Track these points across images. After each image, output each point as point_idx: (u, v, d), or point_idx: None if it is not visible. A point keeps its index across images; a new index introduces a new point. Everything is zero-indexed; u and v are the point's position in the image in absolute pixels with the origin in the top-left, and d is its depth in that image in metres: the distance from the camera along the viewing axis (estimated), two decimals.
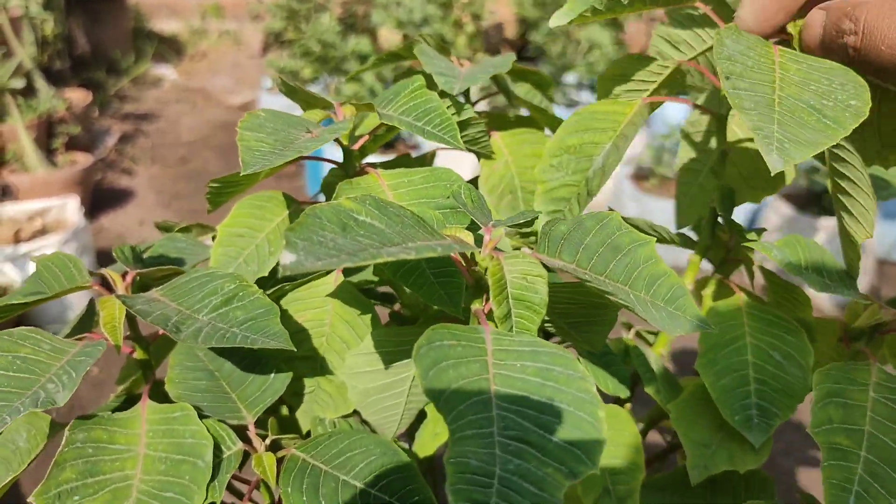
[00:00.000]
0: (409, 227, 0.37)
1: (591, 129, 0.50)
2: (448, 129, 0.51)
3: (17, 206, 2.12)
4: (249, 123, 0.49)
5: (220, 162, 3.20)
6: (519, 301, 0.40)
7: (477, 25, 3.25)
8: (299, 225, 0.32)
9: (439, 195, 0.50)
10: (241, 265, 0.53)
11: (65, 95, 2.98)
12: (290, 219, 0.55)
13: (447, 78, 0.56)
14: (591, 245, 0.42)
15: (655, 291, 0.41)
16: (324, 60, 2.57)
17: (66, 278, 0.51)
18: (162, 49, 4.57)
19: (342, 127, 0.49)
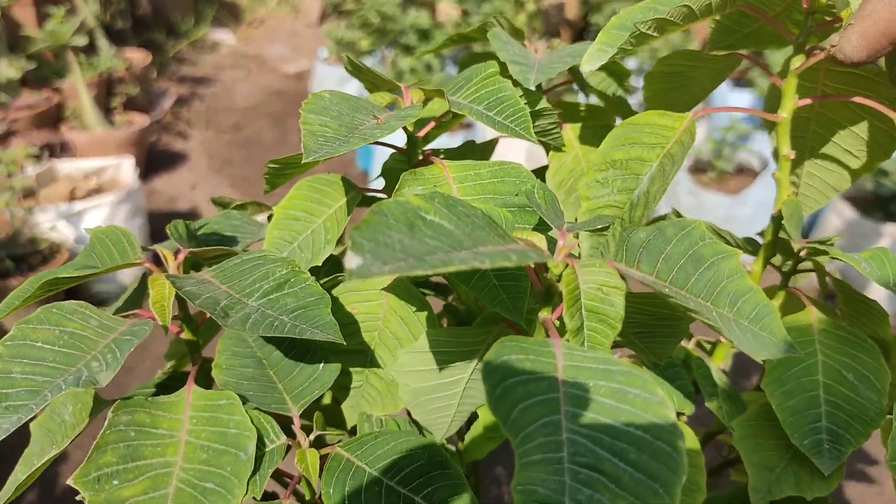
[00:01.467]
0: (480, 229, 0.34)
1: (637, 143, 0.47)
2: (522, 122, 0.48)
3: (74, 163, 2.15)
4: (314, 106, 0.46)
5: (273, 130, 3.21)
6: (593, 314, 0.37)
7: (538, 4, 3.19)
8: (365, 224, 0.30)
9: (507, 191, 0.47)
10: (296, 250, 0.51)
11: (125, 55, 3.01)
12: (349, 206, 0.53)
13: (522, 67, 0.53)
14: (672, 255, 0.39)
15: (739, 309, 0.38)
16: (382, 33, 2.54)
17: (118, 253, 0.49)
18: (221, 14, 4.59)
19: (411, 114, 0.47)
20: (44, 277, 0.47)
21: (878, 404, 0.49)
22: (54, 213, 1.89)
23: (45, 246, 1.83)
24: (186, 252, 0.50)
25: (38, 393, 0.37)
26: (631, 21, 0.48)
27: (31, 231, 1.84)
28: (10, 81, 2.39)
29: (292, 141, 3.12)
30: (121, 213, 1.99)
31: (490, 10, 2.67)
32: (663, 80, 0.60)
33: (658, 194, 0.47)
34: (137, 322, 0.45)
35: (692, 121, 0.48)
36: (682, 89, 0.61)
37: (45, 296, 0.48)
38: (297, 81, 3.78)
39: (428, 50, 0.66)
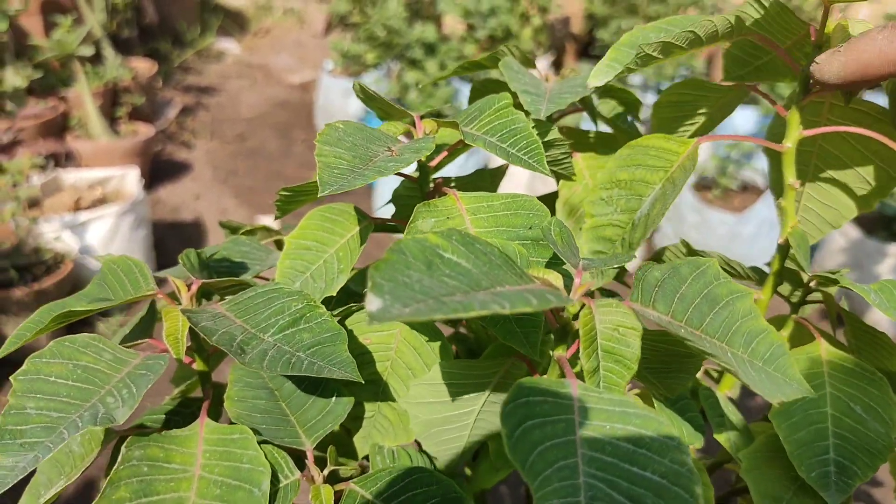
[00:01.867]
0: (497, 268, 0.34)
1: (642, 166, 0.48)
2: (535, 154, 0.48)
3: (80, 173, 2.15)
4: (328, 137, 0.46)
5: (278, 141, 3.21)
6: (609, 354, 0.37)
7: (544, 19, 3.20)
8: (384, 263, 0.30)
9: (521, 224, 0.47)
10: (308, 280, 0.51)
11: (131, 65, 3.02)
12: (361, 235, 0.53)
13: (533, 97, 0.53)
14: (687, 295, 0.39)
15: (754, 350, 0.39)
16: (388, 46, 2.55)
17: (131, 283, 0.49)
18: (227, 23, 4.60)
19: (425, 147, 0.47)
20: (55, 310, 0.47)
21: (886, 437, 0.49)
22: (59, 223, 1.89)
23: (49, 256, 1.84)
24: (199, 283, 0.50)
25: (53, 429, 0.37)
26: (642, 39, 0.49)
27: (35, 241, 1.84)
28: (16, 90, 2.40)
29: (297, 152, 3.13)
30: (125, 223, 1.99)
31: (496, 24, 2.68)
32: (671, 108, 0.61)
33: (657, 217, 0.47)
34: (152, 356, 0.45)
35: (695, 147, 0.49)
36: (689, 118, 0.61)
37: (57, 327, 0.48)
38: (303, 92, 3.78)
39: (441, 77, 0.66)
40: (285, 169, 2.96)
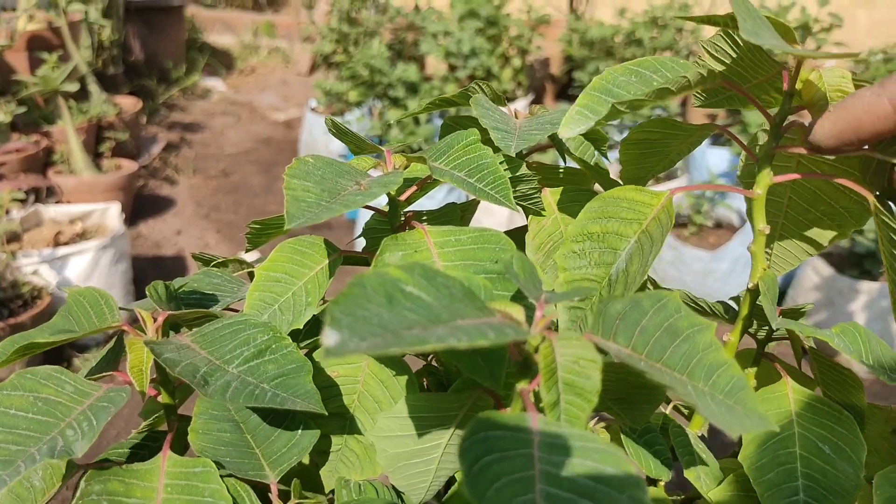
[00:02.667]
0: (458, 302, 0.35)
1: (614, 218, 0.48)
2: (501, 189, 0.49)
3: (60, 208, 2.15)
4: (297, 170, 0.47)
5: (261, 177, 3.22)
6: (569, 387, 0.37)
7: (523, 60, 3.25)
8: (344, 297, 0.30)
9: (487, 258, 0.48)
10: (276, 313, 0.51)
11: (116, 101, 3.03)
12: (330, 268, 0.53)
13: (503, 134, 0.54)
14: (648, 328, 0.40)
15: (715, 382, 0.39)
16: (370, 85, 2.58)
17: (96, 315, 0.49)
18: (213, 62, 4.64)
19: (392, 181, 0.47)
20: (19, 341, 0.47)
21: (855, 477, 0.49)
22: (38, 258, 1.88)
23: (26, 290, 1.82)
24: (165, 315, 0.50)
25: (11, 463, 0.37)
26: (612, 83, 0.49)
27: (13, 275, 1.83)
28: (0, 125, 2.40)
29: (279, 188, 3.14)
30: (105, 258, 1.98)
31: (476, 64, 2.73)
32: (639, 146, 0.62)
33: (638, 276, 0.47)
34: (114, 388, 0.44)
35: (669, 198, 0.49)
36: (658, 154, 0.62)
37: (20, 359, 0.48)
38: (287, 129, 3.81)
39: (413, 113, 0.67)
40: (268, 205, 2.97)
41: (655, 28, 2.98)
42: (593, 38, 2.99)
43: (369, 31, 2.88)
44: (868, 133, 0.37)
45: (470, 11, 3.02)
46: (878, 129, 0.37)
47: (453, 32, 2.80)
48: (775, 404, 0.53)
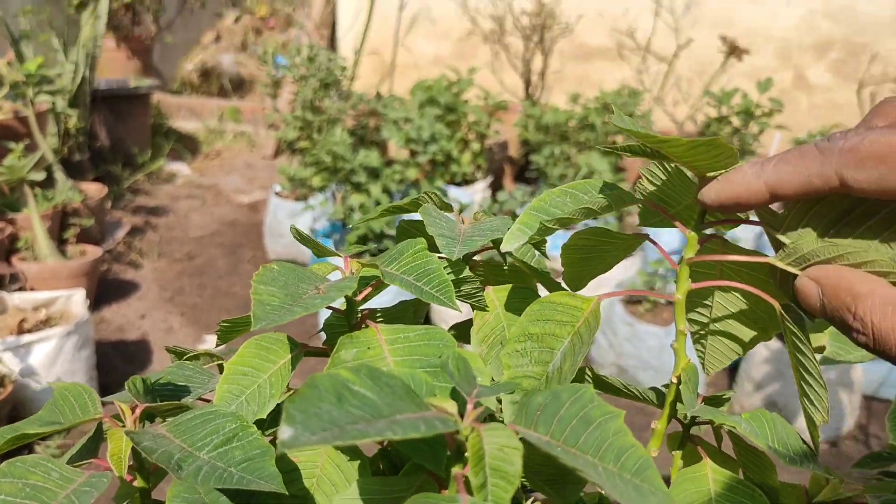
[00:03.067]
0: (399, 398, 0.41)
1: (551, 320, 0.54)
2: (445, 292, 0.56)
3: (25, 295, 2.17)
4: (263, 277, 0.53)
5: (226, 259, 3.26)
6: (495, 471, 0.43)
7: (482, 144, 3.39)
8: (299, 396, 0.36)
9: (432, 354, 0.54)
10: (243, 403, 0.56)
11: (81, 187, 3.08)
12: (292, 362, 0.59)
13: (448, 241, 0.61)
14: (565, 417, 0.46)
15: (623, 464, 0.45)
16: (333, 171, 2.67)
17: (80, 408, 0.54)
18: (178, 146, 4.73)
19: (347, 286, 0.54)
20: (9, 432, 0.52)
21: None
22: (1, 345, 1.89)
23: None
24: (143, 407, 0.55)
25: None
26: (549, 204, 0.57)
27: None
28: None
29: (244, 270, 3.18)
30: (69, 345, 2.00)
31: (436, 149, 2.84)
32: (578, 251, 0.69)
33: (570, 372, 0.54)
34: (96, 474, 0.49)
35: (597, 304, 0.55)
36: (596, 259, 0.69)
37: (10, 448, 0.52)
38: (252, 212, 3.87)
39: (367, 219, 0.74)
40: (232, 286, 3.00)
41: (607, 113, 3.15)
42: (548, 123, 3.14)
43: (332, 118, 3.00)
44: (744, 204, 0.41)
45: (430, 99, 3.16)
46: (752, 203, 0.41)
47: (414, 119, 2.93)
48: (695, 484, 0.59)
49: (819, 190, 0.35)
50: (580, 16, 4.26)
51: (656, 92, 3.71)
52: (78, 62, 3.50)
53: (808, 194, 0.36)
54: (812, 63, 4.22)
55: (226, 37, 6.36)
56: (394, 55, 4.87)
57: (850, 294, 0.35)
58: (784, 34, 4.22)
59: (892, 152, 0.31)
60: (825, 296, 0.37)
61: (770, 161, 0.38)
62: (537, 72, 4.15)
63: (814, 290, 0.38)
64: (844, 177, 0.33)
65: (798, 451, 0.55)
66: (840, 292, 0.36)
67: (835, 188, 0.34)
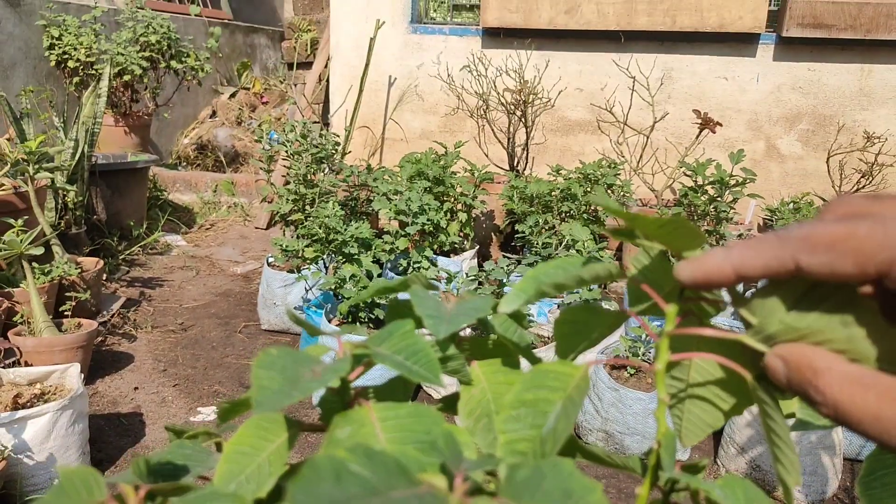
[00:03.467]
0: (393, 476, 0.45)
1: (544, 387, 0.58)
2: (432, 369, 0.59)
3: (20, 370, 2.18)
4: (263, 361, 0.57)
5: (219, 330, 3.29)
6: None
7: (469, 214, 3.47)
8: (301, 478, 0.40)
9: (421, 430, 0.58)
10: (243, 482, 0.59)
11: (78, 261, 3.12)
12: (290, 441, 0.62)
13: (435, 320, 0.66)
14: (547, 490, 0.50)
15: None
16: (326, 242, 2.73)
17: (86, 491, 0.57)
18: (174, 218, 4.80)
19: (341, 369, 0.58)
20: None
21: None
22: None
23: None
24: (146, 489, 0.58)
25: None
26: (544, 276, 0.61)
27: None
28: None
29: (237, 340, 3.20)
30: (63, 419, 2.00)
31: (425, 219, 2.91)
32: (568, 326, 0.73)
33: (563, 433, 0.57)
34: None
35: (586, 369, 0.59)
36: (581, 335, 0.73)
37: None
38: (245, 282, 3.91)
39: (362, 298, 0.79)
40: (226, 357, 3.02)
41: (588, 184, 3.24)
42: (532, 194, 3.23)
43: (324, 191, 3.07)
44: (715, 283, 0.45)
45: (418, 172, 3.25)
46: (721, 283, 0.44)
47: (403, 191, 3.00)
48: None
49: (778, 272, 0.39)
50: (560, 91, 4.43)
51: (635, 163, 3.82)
52: (78, 139, 3.59)
53: (769, 276, 0.40)
54: (782, 134, 4.37)
55: (221, 112, 6.51)
56: (383, 129, 5.00)
57: (811, 370, 0.38)
58: (754, 107, 4.38)
59: (838, 241, 0.36)
60: (789, 372, 0.39)
61: (737, 246, 0.42)
62: (521, 144, 4.28)
63: (780, 366, 0.41)
64: (799, 261, 0.37)
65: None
66: (802, 369, 0.38)
67: (791, 271, 0.38)
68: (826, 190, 4.10)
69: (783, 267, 0.38)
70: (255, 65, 7.23)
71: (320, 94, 5.40)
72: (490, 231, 3.87)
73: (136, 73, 4.99)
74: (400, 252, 2.99)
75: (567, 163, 4.25)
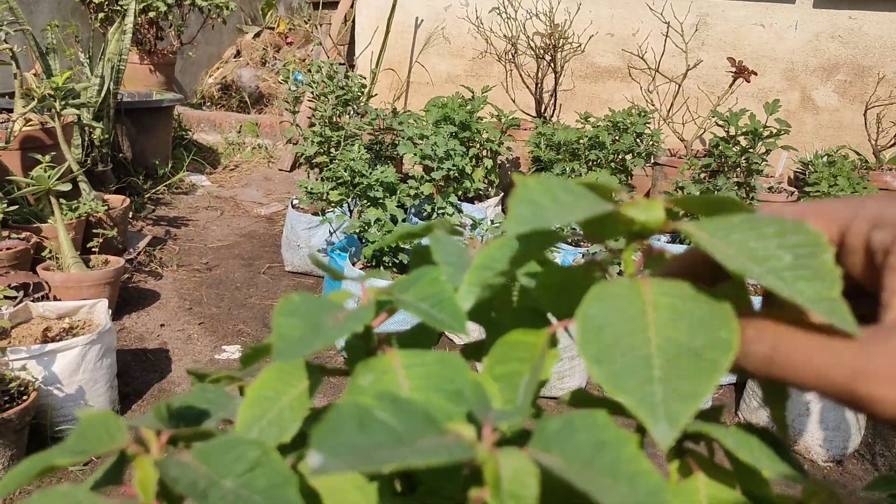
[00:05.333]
0: (419, 424, 0.43)
1: (512, 360, 0.56)
2: (457, 318, 0.58)
3: (49, 304, 2.21)
4: (284, 308, 0.56)
5: (243, 271, 3.31)
6: (511, 495, 0.45)
7: (495, 161, 3.42)
8: (324, 424, 0.39)
9: (447, 379, 0.57)
10: (265, 427, 0.59)
11: (104, 198, 3.14)
12: (311, 388, 0.61)
13: (453, 268, 0.64)
14: (579, 442, 0.48)
15: (636, 487, 0.47)
16: (351, 185, 2.71)
17: (107, 436, 0.57)
18: (198, 158, 4.79)
19: (364, 317, 0.56)
20: (40, 463, 0.54)
21: None
22: (26, 353, 1.93)
23: (13, 385, 1.86)
24: (168, 434, 0.57)
25: None
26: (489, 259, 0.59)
27: (0, 370, 1.88)
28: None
29: (261, 281, 3.22)
30: (91, 353, 2.04)
31: (450, 165, 2.87)
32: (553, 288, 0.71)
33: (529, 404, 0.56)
34: (124, 501, 0.52)
35: (549, 336, 0.57)
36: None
37: (42, 477, 0.55)
38: (269, 224, 3.92)
39: (385, 243, 0.77)
40: (249, 298, 3.04)
41: (617, 132, 3.17)
42: (559, 142, 3.17)
43: (350, 134, 3.04)
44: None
45: (444, 116, 3.20)
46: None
47: (429, 136, 2.96)
48: (686, 498, 0.61)
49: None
50: (591, 36, 4.31)
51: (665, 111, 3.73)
52: (103, 76, 3.57)
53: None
54: (818, 84, 4.24)
55: (246, 52, 6.45)
56: (409, 72, 4.93)
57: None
58: (791, 56, 4.25)
59: None
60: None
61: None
62: (549, 91, 4.19)
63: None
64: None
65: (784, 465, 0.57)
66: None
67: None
68: (861, 143, 3.99)
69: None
70: (280, 4, 7.12)
71: (346, 35, 5.31)
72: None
73: (160, 10, 4.94)
74: (424, 197, 2.96)
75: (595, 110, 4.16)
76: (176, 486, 0.50)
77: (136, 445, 0.58)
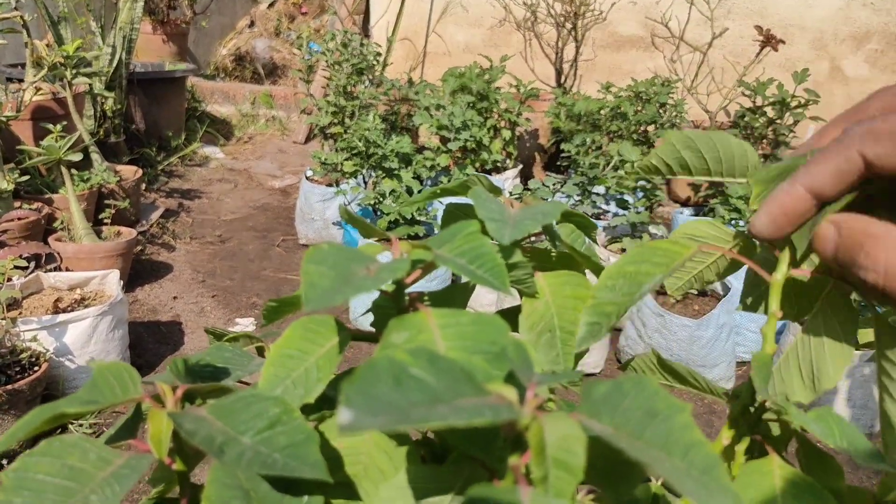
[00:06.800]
0: (458, 383, 0.39)
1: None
2: (498, 275, 0.53)
3: (61, 275, 2.18)
4: (313, 256, 0.52)
5: (257, 243, 3.27)
6: (557, 462, 0.41)
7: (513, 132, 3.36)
8: (357, 378, 0.35)
9: (485, 339, 0.52)
10: (290, 387, 0.55)
11: (117, 169, 3.10)
12: (340, 345, 0.57)
13: (498, 224, 0.59)
14: (628, 409, 0.44)
15: (691, 460, 0.43)
16: (366, 156, 2.66)
17: (120, 387, 0.53)
18: (212, 130, 4.75)
19: (399, 269, 0.52)
20: (48, 412, 0.50)
21: None
22: (37, 324, 1.91)
23: (25, 356, 1.84)
24: (184, 388, 0.53)
25: None
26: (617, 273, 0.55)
27: (12, 341, 1.85)
28: (3, 193, 2.45)
29: (274, 254, 3.18)
30: (103, 324, 2.01)
31: (467, 136, 2.82)
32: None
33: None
34: (136, 456, 0.48)
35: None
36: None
37: (49, 427, 0.51)
38: (283, 196, 3.88)
39: (415, 201, 0.72)
40: (263, 270, 3.01)
41: (639, 102, 3.09)
42: (580, 112, 3.10)
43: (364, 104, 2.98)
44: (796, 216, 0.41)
45: (461, 86, 3.14)
46: (802, 212, 0.41)
47: (445, 106, 2.90)
48: (760, 480, 0.56)
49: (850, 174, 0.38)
50: (613, 4, 4.21)
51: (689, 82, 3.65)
52: (115, 45, 3.52)
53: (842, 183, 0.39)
54: (848, 53, 4.13)
55: (260, 22, 6.38)
56: (426, 42, 4.84)
57: (865, 234, 0.37)
58: (820, 24, 4.13)
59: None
60: (841, 238, 0.38)
61: (797, 172, 0.40)
62: (569, 60, 4.10)
63: (831, 233, 0.40)
64: (866, 154, 0.36)
65: (868, 452, 0.53)
66: (855, 233, 0.38)
67: (861, 169, 0.37)
68: None
69: (853, 165, 0.38)
70: None
71: (361, 4, 5.23)
72: (534, 150, 3.76)
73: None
74: (441, 169, 2.91)
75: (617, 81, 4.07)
76: (192, 439, 0.46)
77: (151, 400, 0.54)
